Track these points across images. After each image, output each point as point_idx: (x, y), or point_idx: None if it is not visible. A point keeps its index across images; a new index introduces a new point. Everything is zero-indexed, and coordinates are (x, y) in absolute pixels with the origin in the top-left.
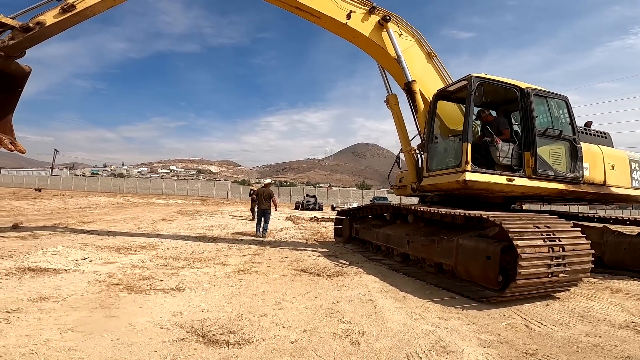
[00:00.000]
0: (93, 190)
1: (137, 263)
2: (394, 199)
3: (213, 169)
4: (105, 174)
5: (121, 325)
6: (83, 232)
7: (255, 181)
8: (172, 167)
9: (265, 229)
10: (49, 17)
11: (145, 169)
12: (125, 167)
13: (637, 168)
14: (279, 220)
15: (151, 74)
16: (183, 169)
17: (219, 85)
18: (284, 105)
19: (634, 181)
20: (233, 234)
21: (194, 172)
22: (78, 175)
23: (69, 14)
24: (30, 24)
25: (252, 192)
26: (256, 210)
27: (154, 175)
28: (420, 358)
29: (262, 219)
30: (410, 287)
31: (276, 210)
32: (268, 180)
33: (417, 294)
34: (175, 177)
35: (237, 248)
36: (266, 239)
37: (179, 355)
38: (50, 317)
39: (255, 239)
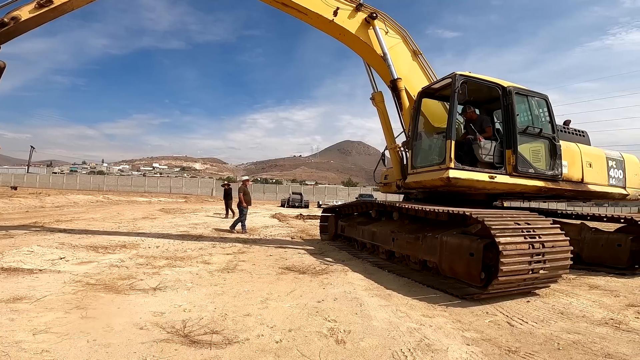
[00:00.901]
0: (71, 188)
1: (116, 262)
2: (380, 196)
3: (197, 166)
4: (85, 172)
5: (98, 326)
6: (60, 231)
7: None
8: (155, 165)
9: (234, 224)
10: (25, 12)
11: (127, 166)
12: (105, 165)
13: (614, 166)
14: (265, 217)
15: (134, 71)
16: (166, 167)
17: (204, 82)
18: (271, 102)
19: (610, 179)
20: (217, 230)
21: (177, 169)
22: (56, 173)
23: (46, 8)
24: (5, 19)
25: (225, 185)
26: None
27: (136, 172)
28: (406, 357)
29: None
30: (395, 284)
31: (243, 205)
32: (246, 177)
33: (402, 291)
34: (158, 175)
35: (222, 246)
36: (233, 234)
37: (159, 357)
38: (23, 319)
39: (240, 236)
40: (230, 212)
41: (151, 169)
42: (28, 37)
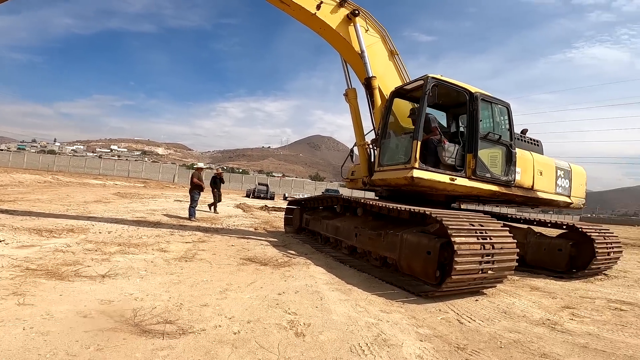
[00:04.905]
0: (18, 166)
1: (61, 247)
2: (346, 192)
3: (160, 151)
4: (34, 150)
5: (36, 314)
6: (0, 211)
7: (216, 166)
8: (113, 147)
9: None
10: None
11: (81, 146)
12: (58, 144)
13: (562, 175)
14: (229, 207)
15: (99, 51)
16: (126, 149)
17: (175, 67)
18: (243, 92)
19: (557, 187)
20: (176, 217)
21: (138, 153)
22: (2, 150)
23: None
24: None
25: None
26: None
27: (91, 154)
28: (363, 351)
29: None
30: (356, 279)
31: (200, 190)
32: (200, 164)
33: (362, 286)
34: (116, 158)
35: (180, 234)
36: (194, 222)
37: (105, 345)
38: None
39: (202, 225)
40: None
41: (108, 151)
42: None
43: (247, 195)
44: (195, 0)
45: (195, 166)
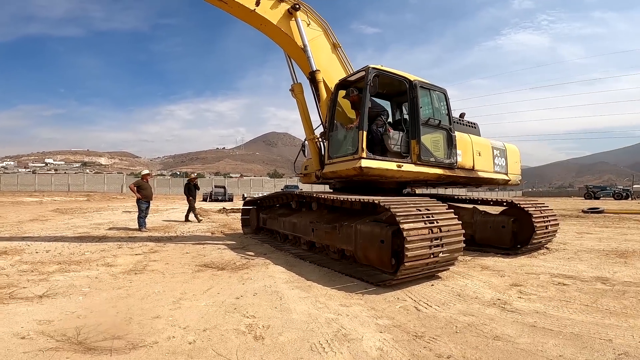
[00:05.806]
0: None
1: None
2: (306, 187)
3: (103, 161)
4: None
5: None
6: None
7: (193, 173)
8: (48, 160)
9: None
10: None
11: (12, 162)
12: None
13: (498, 154)
14: (184, 213)
15: (20, 59)
16: (63, 162)
17: (108, 70)
18: (190, 93)
19: (495, 166)
20: (124, 230)
21: (77, 165)
22: None
23: None
24: None
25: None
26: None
27: (24, 169)
28: (324, 348)
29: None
30: (315, 275)
31: (140, 198)
32: (146, 171)
33: (322, 281)
34: (53, 172)
35: (129, 246)
36: (145, 233)
37: None
38: None
39: (153, 235)
40: (192, 212)
41: (43, 165)
42: None
43: (204, 200)
44: (128, 3)
45: (142, 173)
